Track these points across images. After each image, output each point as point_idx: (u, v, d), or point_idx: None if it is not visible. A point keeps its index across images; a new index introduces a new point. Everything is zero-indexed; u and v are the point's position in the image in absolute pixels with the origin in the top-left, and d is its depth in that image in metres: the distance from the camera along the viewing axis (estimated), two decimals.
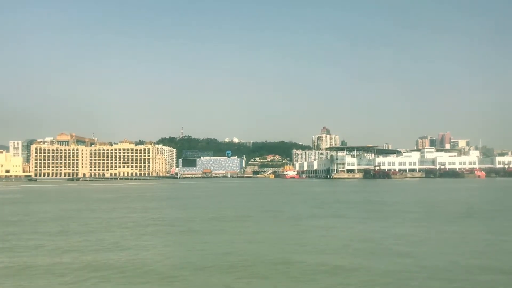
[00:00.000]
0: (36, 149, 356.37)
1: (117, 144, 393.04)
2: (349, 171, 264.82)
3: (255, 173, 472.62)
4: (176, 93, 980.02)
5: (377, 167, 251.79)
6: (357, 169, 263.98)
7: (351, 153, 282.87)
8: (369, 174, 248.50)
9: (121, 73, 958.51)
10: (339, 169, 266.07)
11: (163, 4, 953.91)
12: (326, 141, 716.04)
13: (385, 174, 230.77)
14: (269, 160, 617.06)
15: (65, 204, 67.84)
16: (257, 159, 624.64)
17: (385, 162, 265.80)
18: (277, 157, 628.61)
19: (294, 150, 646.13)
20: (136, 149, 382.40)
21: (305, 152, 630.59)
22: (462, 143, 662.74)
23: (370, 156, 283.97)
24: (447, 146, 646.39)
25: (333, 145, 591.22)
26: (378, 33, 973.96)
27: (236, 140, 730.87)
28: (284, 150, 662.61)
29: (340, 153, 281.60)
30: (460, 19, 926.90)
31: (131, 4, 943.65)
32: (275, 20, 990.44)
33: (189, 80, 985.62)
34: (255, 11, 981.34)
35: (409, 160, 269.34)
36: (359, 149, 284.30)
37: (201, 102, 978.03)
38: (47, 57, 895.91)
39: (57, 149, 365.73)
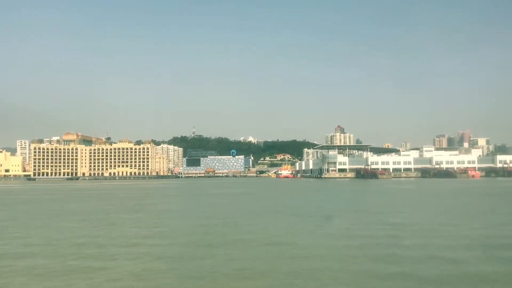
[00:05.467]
0: (35, 148, 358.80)
1: (116, 143, 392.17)
2: (340, 170, 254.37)
3: (260, 172, 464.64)
4: (190, 93, 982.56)
5: (368, 167, 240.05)
6: (349, 169, 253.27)
7: (343, 152, 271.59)
8: (360, 174, 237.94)
9: (135, 74, 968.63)
10: (330, 169, 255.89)
11: (175, 6, 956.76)
12: (340, 140, 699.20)
13: (372, 174, 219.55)
14: (279, 159, 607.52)
15: None
16: (267, 158, 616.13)
17: (378, 161, 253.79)
18: (287, 156, 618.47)
19: (305, 149, 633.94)
20: (135, 148, 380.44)
21: (316, 151, 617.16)
22: (481, 142, 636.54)
23: (365, 154, 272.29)
24: (466, 145, 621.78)
25: (347, 144, 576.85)
26: (392, 33, 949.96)
27: (251, 139, 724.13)
28: (296, 149, 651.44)
29: (331, 152, 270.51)
30: (470, 17, 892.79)
31: (142, 6, 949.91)
32: (286, 23, 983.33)
33: (203, 80, 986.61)
34: (268, 13, 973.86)
35: (404, 159, 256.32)
36: (351, 147, 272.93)
37: (216, 102, 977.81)
38: (60, 57, 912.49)
39: (56, 149, 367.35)
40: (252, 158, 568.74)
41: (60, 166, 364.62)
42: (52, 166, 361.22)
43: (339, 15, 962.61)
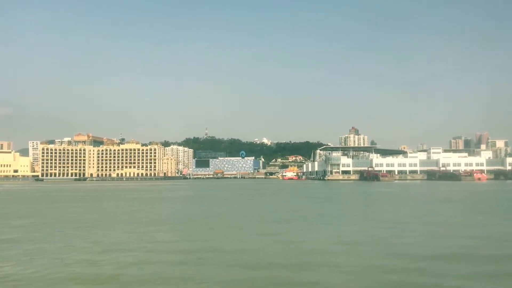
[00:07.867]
0: (43, 149, 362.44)
1: (124, 144, 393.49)
2: (344, 172, 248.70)
3: (270, 173, 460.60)
4: (204, 94, 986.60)
5: (371, 169, 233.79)
6: (352, 170, 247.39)
7: (347, 154, 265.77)
8: (363, 176, 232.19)
9: (150, 75, 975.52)
10: (334, 171, 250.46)
11: (186, 9, 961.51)
12: (354, 141, 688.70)
13: (374, 176, 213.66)
14: (291, 160, 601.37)
15: None
16: (279, 159, 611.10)
17: (383, 163, 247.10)
18: (299, 158, 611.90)
19: (318, 151, 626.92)
20: (143, 150, 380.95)
21: (328, 153, 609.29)
22: (500, 144, 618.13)
23: (371, 156, 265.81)
24: (483, 147, 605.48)
25: (361, 145, 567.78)
26: (406, 35, 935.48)
27: (265, 140, 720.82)
28: (308, 150, 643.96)
29: (334, 154, 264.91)
30: (474, 17, 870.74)
31: (154, 9, 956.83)
32: (294, 26, 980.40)
33: (218, 82, 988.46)
34: (278, 16, 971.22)
35: (410, 161, 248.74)
36: (355, 149, 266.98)
37: (230, 103, 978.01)
38: (73, 59, 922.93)
39: (64, 149, 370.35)
40: (263, 159, 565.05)
41: (68, 166, 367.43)
42: (60, 166, 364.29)
43: (340, 18, 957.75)
